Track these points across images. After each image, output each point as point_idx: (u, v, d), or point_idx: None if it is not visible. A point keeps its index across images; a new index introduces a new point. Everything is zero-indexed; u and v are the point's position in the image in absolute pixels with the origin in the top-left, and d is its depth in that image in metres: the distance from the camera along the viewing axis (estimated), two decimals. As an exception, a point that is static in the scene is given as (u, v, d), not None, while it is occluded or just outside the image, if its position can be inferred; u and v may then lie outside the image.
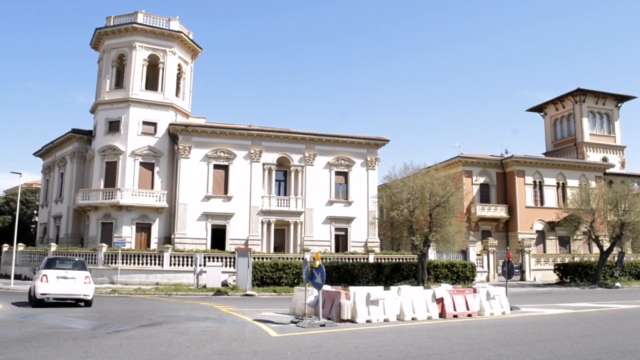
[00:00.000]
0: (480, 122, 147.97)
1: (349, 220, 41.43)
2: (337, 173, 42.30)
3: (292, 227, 40.30)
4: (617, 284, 34.36)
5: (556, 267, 38.56)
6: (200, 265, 29.04)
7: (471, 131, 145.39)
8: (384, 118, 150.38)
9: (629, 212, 35.57)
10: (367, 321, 14.75)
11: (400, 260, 33.89)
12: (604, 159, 56.88)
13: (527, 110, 65.82)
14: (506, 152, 51.75)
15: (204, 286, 27.98)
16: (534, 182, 49.85)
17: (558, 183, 50.53)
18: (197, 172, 39.19)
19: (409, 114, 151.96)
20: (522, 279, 40.12)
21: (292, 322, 14.62)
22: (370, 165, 42.57)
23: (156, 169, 40.04)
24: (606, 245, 36.66)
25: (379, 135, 43.66)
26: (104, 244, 33.22)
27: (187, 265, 31.17)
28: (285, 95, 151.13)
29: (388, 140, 43.51)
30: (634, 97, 60.34)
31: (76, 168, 42.83)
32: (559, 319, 16.71)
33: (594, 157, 56.79)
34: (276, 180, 41.50)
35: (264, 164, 40.63)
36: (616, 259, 37.05)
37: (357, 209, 41.67)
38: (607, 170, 53.80)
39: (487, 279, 37.02)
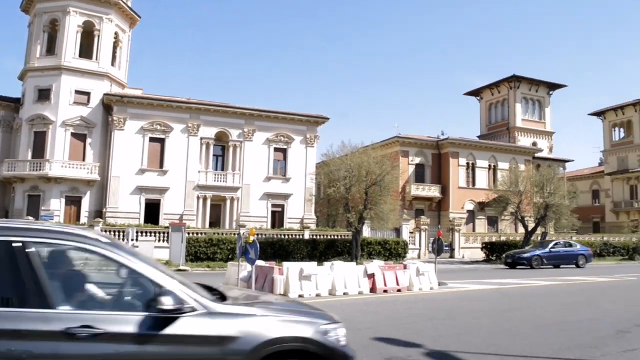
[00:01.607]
0: (419, 104, 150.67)
1: (286, 196, 41.53)
2: (276, 149, 42.18)
3: (228, 202, 40.03)
4: (540, 262, 36.09)
5: (484, 245, 40.06)
6: (132, 240, 28.42)
7: (410, 112, 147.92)
8: (324, 96, 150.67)
9: (554, 195, 37.33)
10: (299, 296, 14.92)
11: (335, 237, 34.35)
12: (534, 144, 59.29)
13: (465, 94, 67.69)
14: (442, 134, 53.17)
15: (136, 261, 27.44)
16: (467, 163, 51.47)
17: (490, 165, 52.36)
18: (131, 144, 38.13)
19: (350, 93, 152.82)
20: (452, 256, 41.52)
21: (224, 296, 14.61)
22: (310, 142, 42.68)
23: (88, 140, 38.69)
24: (531, 225, 38.38)
25: (319, 113, 43.75)
26: (31, 217, 31.95)
27: (119, 240, 30.45)
28: (225, 71, 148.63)
29: (328, 118, 43.71)
30: (565, 86, 63.13)
31: (1, 137, 40.77)
32: (483, 294, 17.46)
33: (524, 141, 59.09)
34: (214, 155, 40.98)
35: (201, 138, 39.99)
36: (539, 238, 38.86)
37: (295, 186, 41.80)
38: (536, 155, 56.21)
39: (419, 256, 38.07)
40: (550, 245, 32.21)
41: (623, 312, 13.20)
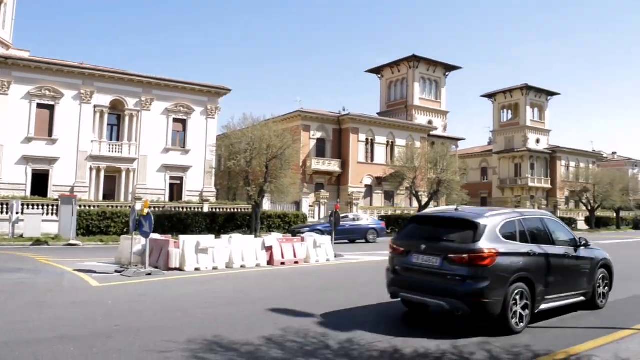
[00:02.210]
0: (323, 80, 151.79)
1: (185, 169, 40.51)
2: (175, 120, 40.85)
3: (124, 174, 38.44)
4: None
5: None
6: (17, 213, 26.68)
7: (314, 88, 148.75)
8: (228, 69, 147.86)
9: (446, 171, 39.25)
10: (196, 269, 14.75)
11: (235, 210, 34.14)
12: (430, 122, 61.65)
13: (366, 72, 68.86)
14: (344, 110, 53.87)
15: (21, 236, 25.83)
16: (367, 139, 52.70)
17: (388, 141, 53.93)
18: (16, 110, 35.32)
19: (253, 67, 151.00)
20: (350, 230, 42.51)
21: (116, 271, 14.14)
22: (211, 114, 41.73)
23: (-35, 104, 35.51)
24: (425, 200, 40.16)
25: (221, 84, 42.78)
26: None
27: (2, 213, 28.42)
28: (124, 37, 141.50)
29: (230, 90, 42.86)
30: (460, 68, 65.85)
31: None
32: (377, 265, 18.00)
33: (421, 119, 61.29)
34: (108, 125, 38.98)
35: (95, 106, 37.85)
36: (432, 212, 40.73)
37: (195, 158, 40.82)
38: (431, 133, 58.58)
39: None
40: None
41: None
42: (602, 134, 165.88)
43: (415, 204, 42.36)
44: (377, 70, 67.10)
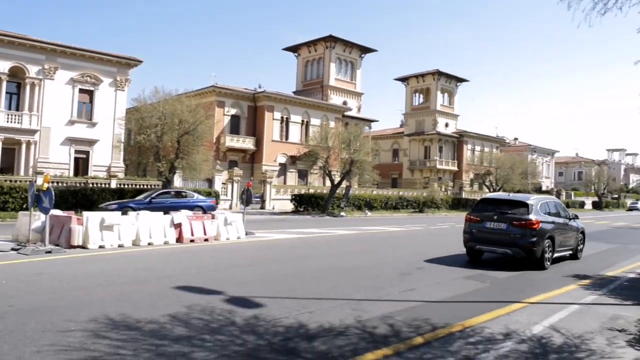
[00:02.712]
0: (239, 56, 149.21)
1: (91, 142, 38.69)
2: (82, 91, 38.75)
3: (24, 146, 36.15)
4: (342, 214, 38.66)
5: (293, 197, 41.67)
6: None
7: (230, 64, 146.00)
8: (140, 40, 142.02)
9: (359, 152, 39.94)
10: (100, 247, 14.21)
11: (145, 187, 33.10)
12: (344, 103, 62.37)
13: (283, 49, 68.39)
14: (259, 87, 53.38)
15: None
16: (282, 117, 52.61)
17: (303, 120, 54.11)
18: None
19: (167, 39, 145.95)
20: (263, 207, 42.55)
21: (12, 249, 13.35)
22: (120, 85, 39.96)
23: None
24: (337, 179, 40.75)
25: (131, 55, 40.98)
26: None
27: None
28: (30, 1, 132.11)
29: (141, 61, 41.18)
30: (376, 50, 66.76)
31: None
32: (288, 242, 18.25)
33: (336, 100, 61.85)
34: (7, 93, 36.30)
35: (-9, 73, 35.23)
36: (344, 192, 41.50)
37: (102, 131, 39.02)
38: (346, 113, 59.33)
39: (231, 207, 38.41)
40: (154, 194, 25.94)
41: (407, 257, 14.74)
42: (506, 121, 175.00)
43: (329, 183, 42.84)
44: (294, 49, 66.81)
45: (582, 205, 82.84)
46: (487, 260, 14.41)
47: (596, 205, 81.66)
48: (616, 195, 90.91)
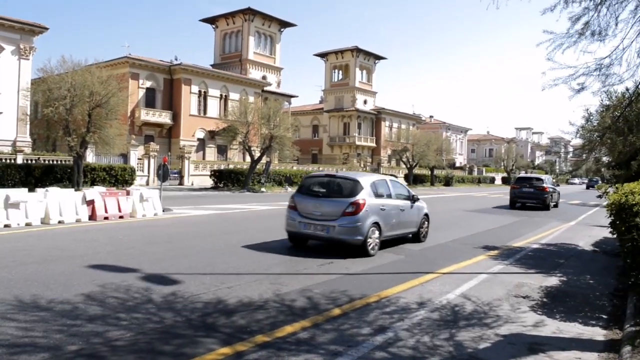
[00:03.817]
0: (155, 27, 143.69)
1: (-6, 115, 36.22)
2: (-19, 59, 36.09)
3: None
4: (263, 189, 38.58)
5: (212, 173, 41.03)
6: None
7: (145, 34, 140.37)
8: (47, 6, 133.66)
9: (278, 127, 39.76)
10: (6, 226, 13.44)
11: (55, 162, 31.52)
12: (264, 78, 61.78)
13: (200, 21, 66.60)
14: (176, 59, 51.72)
15: None
16: (200, 91, 51.41)
17: (221, 95, 53.15)
18: None
19: (77, 6, 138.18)
20: (181, 183, 41.67)
21: None
22: (24, 54, 37.44)
23: None
24: (257, 155, 40.49)
25: (36, 22, 38.39)
26: None
27: None
28: None
29: (47, 29, 38.66)
30: (295, 25, 66.27)
31: None
32: (207, 219, 18.03)
33: (255, 74, 61.13)
34: None
35: None
36: (264, 167, 41.35)
37: (5, 103, 36.50)
38: (265, 88, 58.78)
39: (147, 183, 37.35)
40: None
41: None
42: (422, 99, 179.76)
43: (248, 159, 42.49)
44: (211, 21, 65.18)
45: (492, 180, 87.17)
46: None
47: (505, 181, 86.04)
48: (524, 172, 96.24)
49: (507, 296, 7.98)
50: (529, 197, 28.71)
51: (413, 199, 13.23)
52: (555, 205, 30.32)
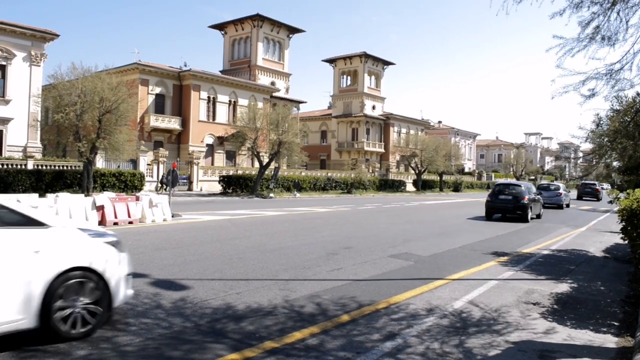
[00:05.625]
0: (164, 33, 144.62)
1: (5, 121, 36.51)
2: (-7, 66, 36.46)
3: None
4: (272, 195, 38.61)
5: (221, 178, 41.14)
6: None
7: (154, 40, 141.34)
8: (58, 14, 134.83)
9: (287, 133, 39.85)
10: (16, 230, 13.51)
11: (65, 168, 31.71)
12: (272, 83, 61.93)
13: (210, 27, 66.89)
14: (185, 65, 51.98)
15: None
16: (209, 97, 51.60)
17: (230, 101, 53.32)
18: None
19: (88, 14, 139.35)
20: (190, 189, 41.82)
21: None
22: (35, 60, 37.81)
23: None
24: (266, 160, 40.56)
25: (47, 28, 38.75)
26: None
27: None
28: None
29: (57, 35, 39.04)
30: (304, 31, 66.46)
31: None
32: (216, 224, 18.04)
33: (264, 80, 61.29)
34: None
35: None
36: (272, 173, 41.41)
37: (16, 109, 36.85)
38: (274, 94, 58.94)
39: (157, 189, 37.49)
40: None
41: (335, 237, 14.93)
42: (430, 104, 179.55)
43: (257, 164, 42.57)
44: (220, 27, 65.45)
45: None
46: (413, 240, 14.83)
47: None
48: (533, 177, 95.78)
49: (517, 303, 7.91)
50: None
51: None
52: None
